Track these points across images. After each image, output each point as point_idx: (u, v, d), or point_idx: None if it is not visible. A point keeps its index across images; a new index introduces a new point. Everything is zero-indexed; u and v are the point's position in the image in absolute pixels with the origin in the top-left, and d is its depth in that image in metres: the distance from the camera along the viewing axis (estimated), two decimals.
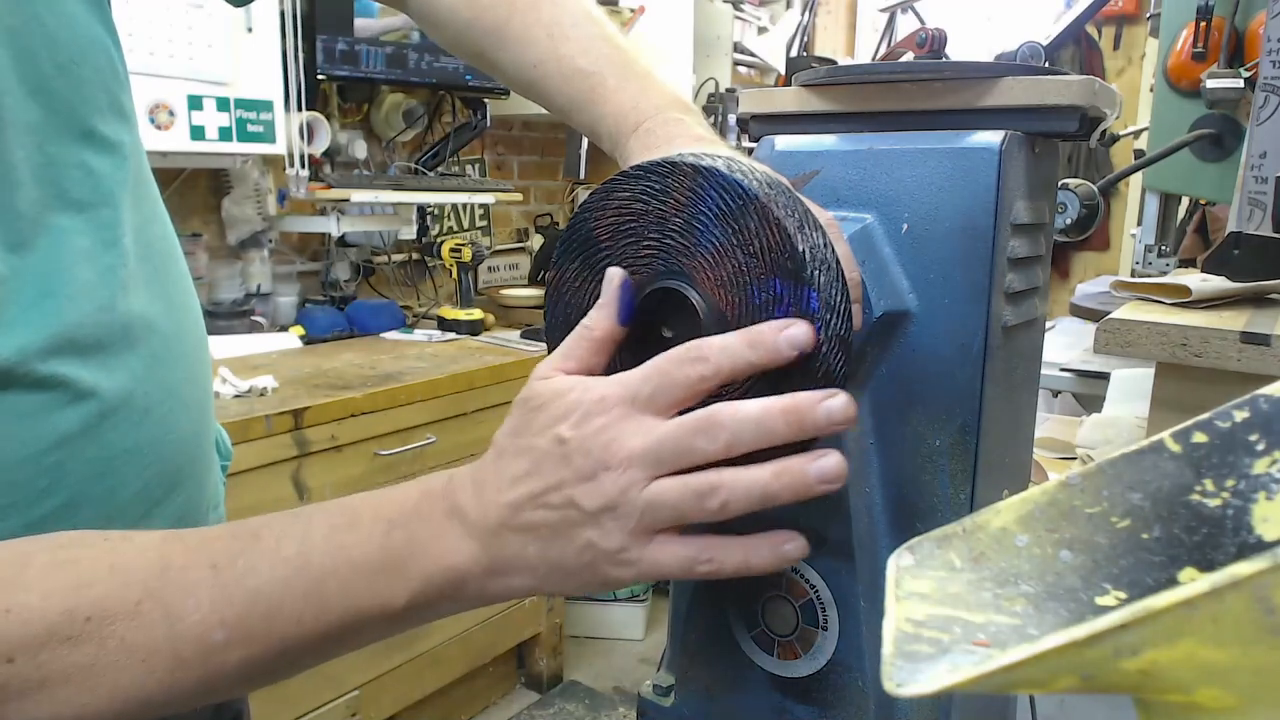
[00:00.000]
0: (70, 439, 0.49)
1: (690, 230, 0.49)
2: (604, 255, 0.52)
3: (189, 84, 1.68)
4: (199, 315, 0.63)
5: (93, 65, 0.52)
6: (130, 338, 0.52)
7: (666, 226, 0.49)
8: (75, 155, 0.50)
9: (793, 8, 3.76)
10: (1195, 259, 1.88)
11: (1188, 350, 0.88)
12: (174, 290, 0.59)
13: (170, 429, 0.56)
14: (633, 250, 0.51)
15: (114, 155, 0.53)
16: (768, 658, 0.67)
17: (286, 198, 2.11)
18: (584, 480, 0.41)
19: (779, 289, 0.46)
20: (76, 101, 0.50)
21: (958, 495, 0.61)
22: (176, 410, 0.56)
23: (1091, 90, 0.58)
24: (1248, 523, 0.32)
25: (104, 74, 0.53)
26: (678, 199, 0.49)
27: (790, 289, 0.46)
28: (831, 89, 0.65)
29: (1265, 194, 1.30)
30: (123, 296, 0.52)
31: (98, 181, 0.51)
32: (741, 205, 0.47)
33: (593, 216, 0.51)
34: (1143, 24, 3.48)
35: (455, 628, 1.95)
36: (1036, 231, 0.65)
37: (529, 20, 0.62)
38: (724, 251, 0.48)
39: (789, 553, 0.43)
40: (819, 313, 0.45)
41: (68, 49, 0.50)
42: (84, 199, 0.50)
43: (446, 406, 1.83)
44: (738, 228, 0.47)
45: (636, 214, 0.50)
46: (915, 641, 0.30)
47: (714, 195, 0.48)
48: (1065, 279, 3.82)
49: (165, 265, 0.58)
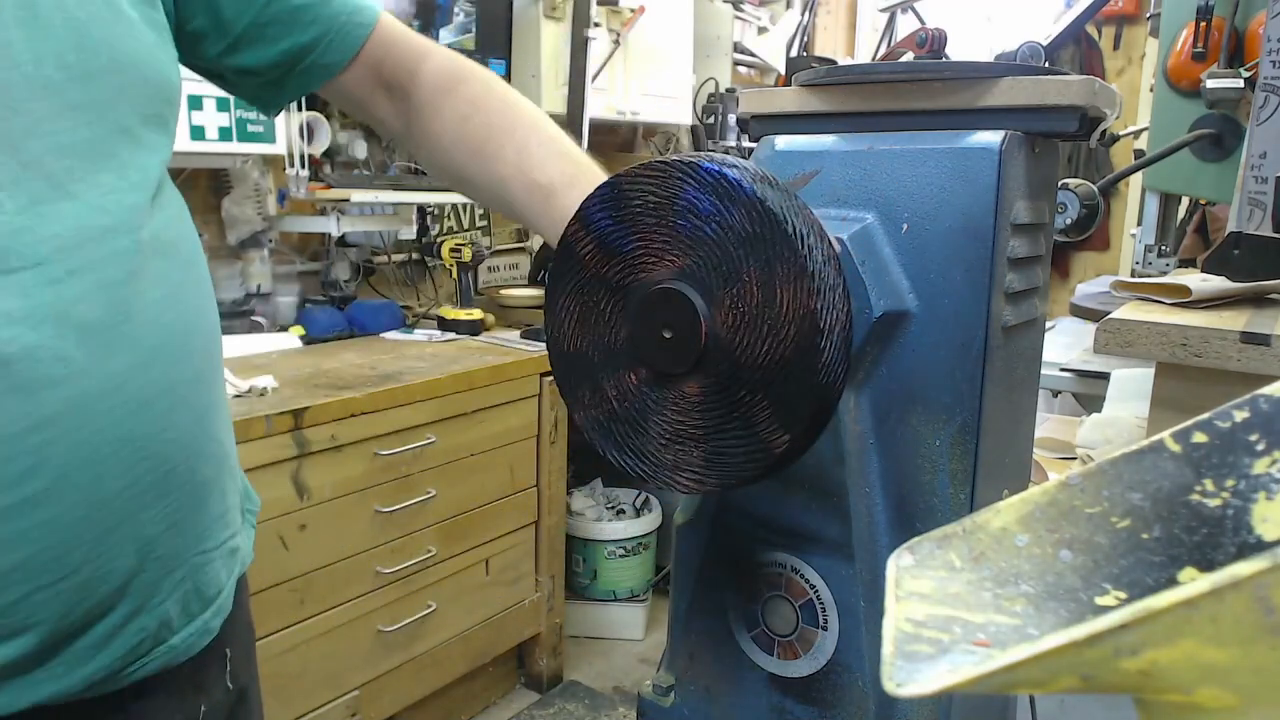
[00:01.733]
0: (54, 420, 0.48)
1: (612, 253, 0.50)
2: (590, 356, 0.53)
3: (189, 84, 1.67)
4: (214, 325, 0.64)
5: (142, 74, 0.56)
6: (133, 326, 0.52)
7: (600, 274, 0.51)
8: (110, 145, 0.53)
9: (793, 8, 3.76)
10: (1195, 259, 1.88)
11: (1188, 350, 0.88)
12: (191, 293, 0.60)
13: (167, 426, 0.55)
14: (602, 322, 0.52)
15: (148, 155, 0.56)
16: (768, 658, 0.67)
17: (286, 198, 2.11)
18: None
19: (687, 196, 0.47)
20: (119, 99, 0.54)
21: (958, 495, 0.61)
22: (177, 408, 0.56)
23: (1091, 90, 0.58)
24: (1248, 523, 0.32)
25: (152, 85, 0.57)
26: (586, 249, 0.50)
27: (691, 184, 0.47)
28: (831, 89, 0.65)
29: (1265, 194, 1.30)
30: (131, 283, 0.52)
31: (127, 173, 0.54)
32: (615, 191, 0.48)
33: (559, 340, 0.53)
34: (1143, 24, 3.47)
35: (455, 628, 1.95)
36: (1036, 231, 0.64)
37: (502, 142, 0.71)
38: (641, 231, 0.49)
39: None
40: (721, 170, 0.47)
41: (125, 52, 0.54)
42: (112, 184, 0.53)
43: (446, 406, 1.82)
44: (627, 206, 0.48)
45: (577, 295, 0.52)
46: (915, 641, 0.30)
47: (597, 211, 0.49)
48: (1065, 279, 3.82)
49: (185, 268, 0.59)
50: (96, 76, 0.52)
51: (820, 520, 0.65)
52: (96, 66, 0.52)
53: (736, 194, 0.47)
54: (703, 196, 0.48)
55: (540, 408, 2.07)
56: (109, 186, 0.53)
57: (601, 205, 0.51)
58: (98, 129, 0.52)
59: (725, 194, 0.47)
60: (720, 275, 0.48)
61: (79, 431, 0.49)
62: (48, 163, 0.49)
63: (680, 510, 0.74)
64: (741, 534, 0.69)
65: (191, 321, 0.58)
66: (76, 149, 0.51)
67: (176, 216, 0.60)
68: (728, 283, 0.48)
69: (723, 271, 0.48)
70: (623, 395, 0.54)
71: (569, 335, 0.55)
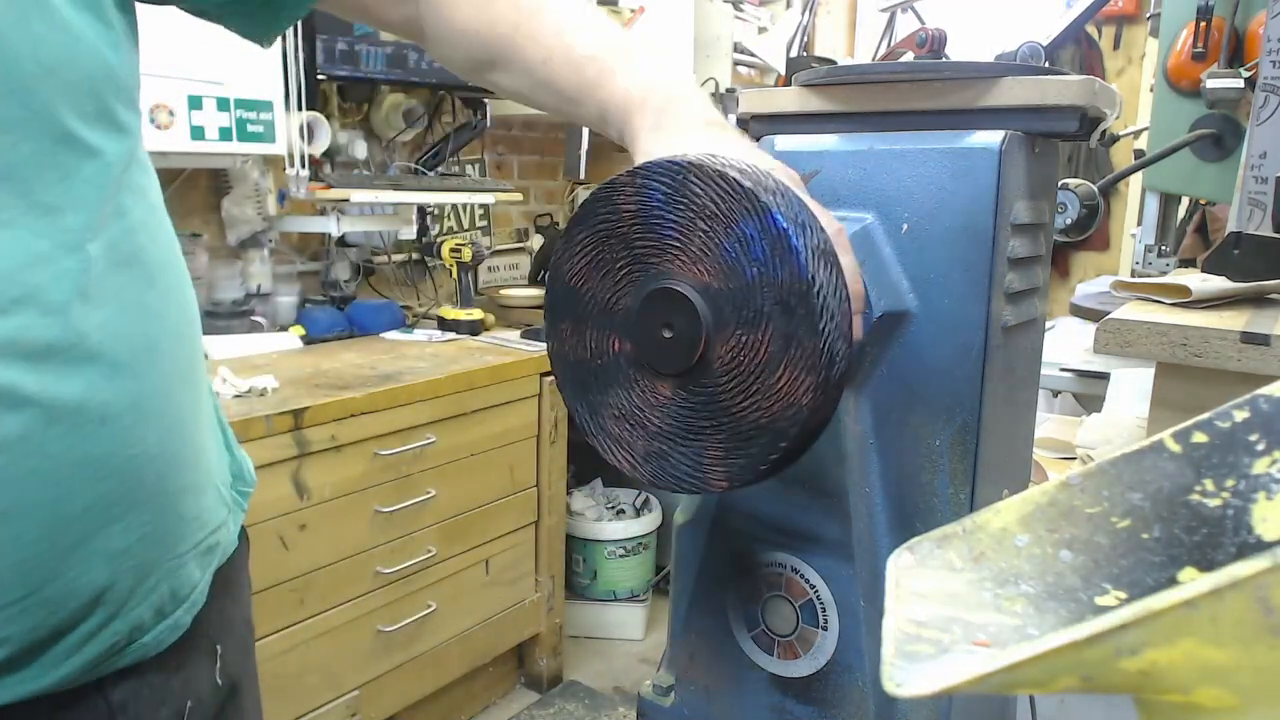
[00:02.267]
0: (8, 446, 0.47)
1: (649, 228, 0.49)
2: (587, 301, 0.53)
3: (189, 84, 1.68)
4: (192, 325, 0.62)
5: (80, 70, 0.52)
6: (87, 346, 0.51)
7: (629, 238, 0.50)
8: (50, 157, 0.50)
9: (793, 8, 3.76)
10: (1195, 259, 1.88)
11: (1188, 350, 0.88)
12: (157, 301, 0.57)
13: (132, 443, 0.54)
14: (611, 280, 0.52)
15: (94, 161, 0.52)
16: (768, 658, 0.67)
17: (286, 198, 2.11)
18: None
19: (746, 230, 0.47)
20: (57, 104, 0.50)
21: (958, 495, 0.61)
22: (141, 424, 0.55)
23: (1091, 90, 0.58)
24: (1248, 523, 0.32)
25: (94, 80, 0.53)
26: (628, 207, 0.50)
27: (755, 223, 0.47)
28: (831, 89, 0.65)
29: (1265, 194, 1.30)
30: (79, 303, 0.51)
31: (70, 186, 0.51)
32: (682, 179, 0.48)
33: (564, 269, 0.53)
34: (1143, 24, 3.47)
35: (455, 628, 1.95)
36: (1036, 231, 0.64)
37: (536, 24, 0.66)
38: (685, 229, 0.48)
39: None
40: (789, 230, 0.46)
41: (53, 51, 0.50)
42: (51, 202, 0.50)
43: (446, 406, 1.83)
44: (686, 200, 0.48)
45: (599, 242, 0.51)
46: (915, 641, 0.30)
47: (657, 184, 0.49)
48: (1065, 279, 3.82)
49: (151, 276, 0.57)
50: (22, 89, 0.48)
51: (820, 520, 0.65)
52: (20, 77, 0.48)
53: (790, 261, 0.46)
54: (760, 242, 0.47)
55: (540, 408, 2.07)
56: (48, 206, 0.49)
57: (663, 176, 0.50)
58: (32, 145, 0.49)
59: (781, 254, 0.47)
60: (739, 316, 0.48)
61: (34, 456, 0.49)
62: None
63: (680, 510, 0.74)
64: (741, 534, 0.69)
65: (158, 333, 0.56)
66: (8, 174, 0.48)
67: (140, 221, 0.57)
68: (742, 326, 0.48)
69: (744, 315, 0.48)
70: (600, 354, 0.54)
71: (576, 270, 0.54)
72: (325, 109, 2.23)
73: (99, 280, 0.52)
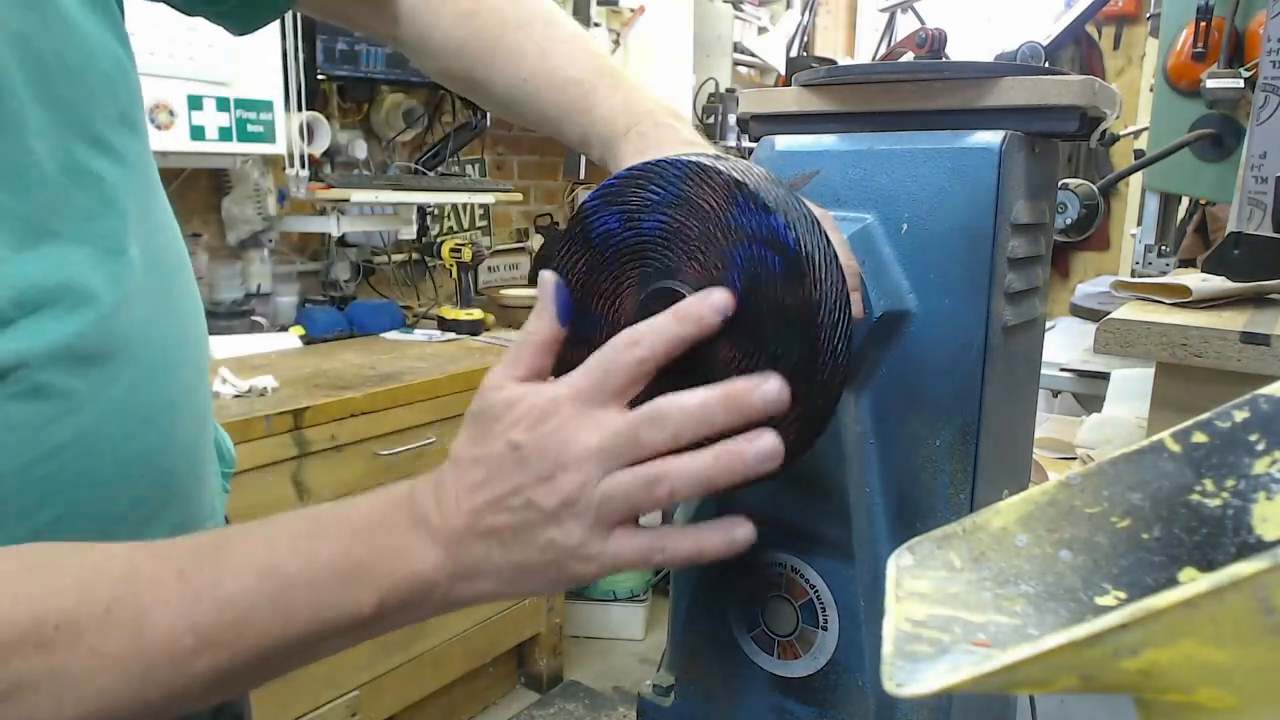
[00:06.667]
0: (62, 450, 0.48)
1: (649, 227, 0.49)
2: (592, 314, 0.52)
3: (189, 84, 1.68)
4: (202, 322, 0.63)
5: (101, 73, 0.52)
6: (131, 348, 0.52)
7: (628, 240, 0.50)
8: (85, 162, 0.50)
9: (793, 8, 3.76)
10: (1195, 259, 1.88)
11: (1188, 350, 0.88)
12: (179, 299, 0.58)
13: (171, 439, 0.55)
14: (611, 285, 0.51)
15: (121, 165, 0.53)
16: (768, 658, 0.67)
17: (286, 198, 2.11)
18: (541, 481, 0.42)
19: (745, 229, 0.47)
20: (85, 108, 0.50)
21: (958, 495, 0.61)
22: (177, 420, 0.56)
23: (1091, 90, 0.58)
24: (1248, 523, 0.32)
25: (113, 83, 0.53)
26: (628, 207, 0.50)
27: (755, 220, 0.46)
28: (831, 89, 0.65)
29: (1265, 194, 1.30)
30: (126, 307, 0.51)
31: (105, 190, 0.51)
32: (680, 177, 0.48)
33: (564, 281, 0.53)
34: (1143, 24, 3.47)
35: (455, 628, 1.95)
36: (1036, 231, 0.64)
37: (520, 38, 0.65)
38: (683, 227, 0.48)
39: (738, 538, 0.45)
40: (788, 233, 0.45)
41: (76, 55, 0.50)
42: (92, 207, 0.50)
43: (446, 406, 1.83)
44: (683, 197, 0.48)
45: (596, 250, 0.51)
46: (915, 641, 0.30)
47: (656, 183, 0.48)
48: (1065, 279, 3.82)
49: (171, 275, 0.58)
50: (53, 95, 0.48)
51: (820, 520, 0.65)
52: (50, 83, 0.48)
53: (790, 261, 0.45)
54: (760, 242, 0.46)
55: None
56: (89, 212, 0.50)
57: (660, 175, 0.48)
58: (68, 150, 0.49)
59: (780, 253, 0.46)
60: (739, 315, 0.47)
61: (85, 458, 0.49)
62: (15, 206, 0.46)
63: (680, 510, 0.74)
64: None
65: (181, 330, 0.57)
66: (46, 180, 0.47)
67: (159, 224, 0.58)
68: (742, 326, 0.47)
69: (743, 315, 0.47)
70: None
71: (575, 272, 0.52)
72: (325, 109, 2.24)
73: (140, 283, 0.53)
